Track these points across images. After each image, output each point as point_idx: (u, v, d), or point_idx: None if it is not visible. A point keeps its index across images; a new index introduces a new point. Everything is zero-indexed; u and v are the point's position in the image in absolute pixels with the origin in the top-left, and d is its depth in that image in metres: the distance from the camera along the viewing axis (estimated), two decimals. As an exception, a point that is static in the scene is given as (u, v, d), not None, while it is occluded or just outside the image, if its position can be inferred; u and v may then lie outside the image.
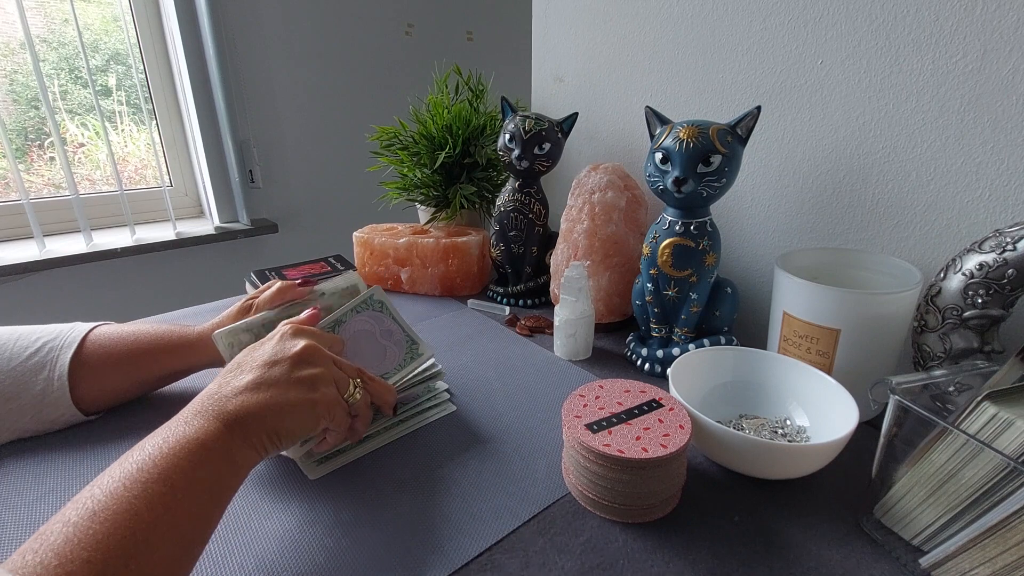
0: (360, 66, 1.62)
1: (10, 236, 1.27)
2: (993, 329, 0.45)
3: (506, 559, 0.38)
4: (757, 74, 0.64)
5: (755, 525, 0.41)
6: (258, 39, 1.42)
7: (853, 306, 0.48)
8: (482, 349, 0.68)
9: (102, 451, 0.48)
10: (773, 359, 0.52)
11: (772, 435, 0.48)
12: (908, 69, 0.53)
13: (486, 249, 0.87)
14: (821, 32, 0.58)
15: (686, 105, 0.73)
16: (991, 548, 0.32)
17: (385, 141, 0.89)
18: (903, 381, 0.39)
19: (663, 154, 0.54)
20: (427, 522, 0.41)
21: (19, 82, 1.24)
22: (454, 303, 0.83)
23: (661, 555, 0.38)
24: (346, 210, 1.69)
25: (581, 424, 0.42)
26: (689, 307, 0.60)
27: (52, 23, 1.26)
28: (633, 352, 0.65)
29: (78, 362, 0.48)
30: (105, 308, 1.34)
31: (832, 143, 0.60)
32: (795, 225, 0.65)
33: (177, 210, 1.48)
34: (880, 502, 0.39)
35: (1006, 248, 0.43)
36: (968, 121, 0.50)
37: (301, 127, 1.56)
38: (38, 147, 1.29)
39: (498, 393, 0.58)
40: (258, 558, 0.37)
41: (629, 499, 0.40)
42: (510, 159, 0.74)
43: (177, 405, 0.53)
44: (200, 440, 0.32)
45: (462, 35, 1.83)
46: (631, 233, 0.71)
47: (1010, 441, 0.32)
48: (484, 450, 0.49)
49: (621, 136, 0.83)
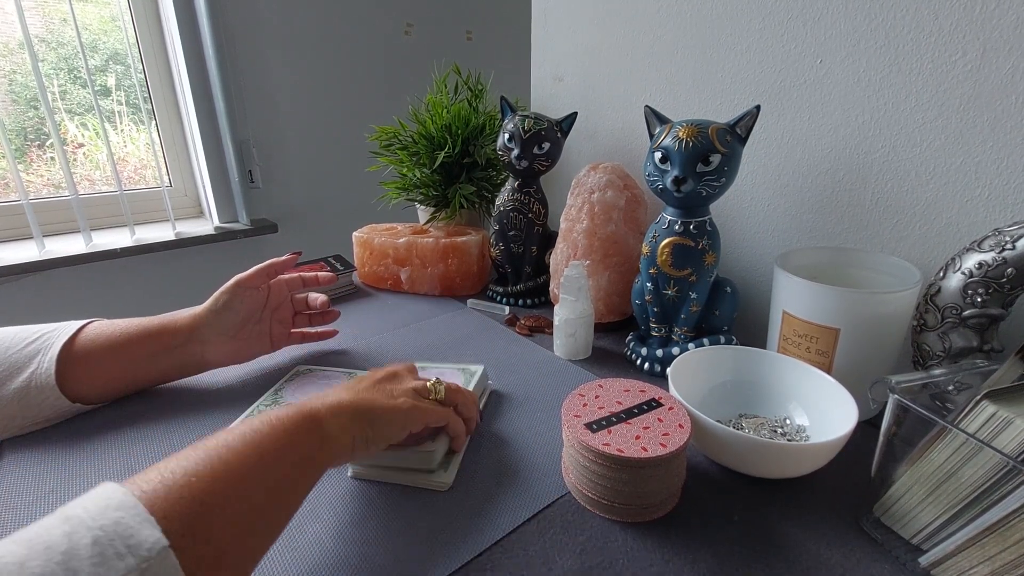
0: (360, 66, 1.62)
1: (10, 236, 1.27)
2: (992, 328, 0.45)
3: (506, 559, 0.38)
4: (756, 73, 0.64)
5: (755, 525, 0.41)
6: (257, 39, 1.42)
7: (853, 305, 0.48)
8: (482, 349, 0.68)
9: (102, 451, 0.48)
10: (773, 358, 0.52)
11: (772, 434, 0.48)
12: (907, 68, 0.53)
13: (486, 249, 0.87)
14: (820, 31, 0.58)
15: (685, 104, 0.73)
16: (990, 547, 0.32)
17: (384, 141, 0.89)
18: (902, 380, 0.39)
19: (662, 153, 0.54)
20: (427, 522, 0.41)
21: (18, 82, 1.24)
22: (454, 303, 0.83)
23: (661, 555, 0.38)
24: (346, 210, 1.69)
25: (581, 423, 0.42)
26: (689, 306, 0.60)
27: (51, 23, 1.26)
28: (633, 351, 0.65)
29: (68, 351, 0.49)
30: (105, 308, 1.34)
31: (831, 142, 0.60)
32: (794, 224, 0.65)
33: (177, 210, 1.48)
34: (880, 501, 0.39)
35: (1005, 247, 0.43)
36: (967, 120, 0.50)
37: (301, 127, 1.56)
38: (37, 147, 1.29)
39: (498, 393, 0.58)
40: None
41: (629, 499, 0.40)
42: (509, 159, 0.73)
43: (178, 404, 0.54)
44: (303, 413, 0.36)
45: (461, 35, 1.83)
46: (631, 232, 0.71)
47: (1009, 440, 0.32)
48: (483, 450, 0.49)
49: (620, 135, 0.83)
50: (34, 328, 0.51)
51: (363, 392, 0.41)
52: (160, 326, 0.54)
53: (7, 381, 0.47)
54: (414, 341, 0.70)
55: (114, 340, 0.51)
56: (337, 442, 0.37)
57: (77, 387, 0.50)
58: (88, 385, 0.51)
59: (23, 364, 0.48)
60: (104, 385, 0.53)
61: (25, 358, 0.48)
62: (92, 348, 0.50)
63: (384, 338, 0.71)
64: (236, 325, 0.57)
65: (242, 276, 0.57)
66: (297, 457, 0.34)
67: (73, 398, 0.50)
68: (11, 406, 0.47)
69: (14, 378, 0.47)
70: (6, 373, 0.47)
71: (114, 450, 0.48)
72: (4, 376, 0.47)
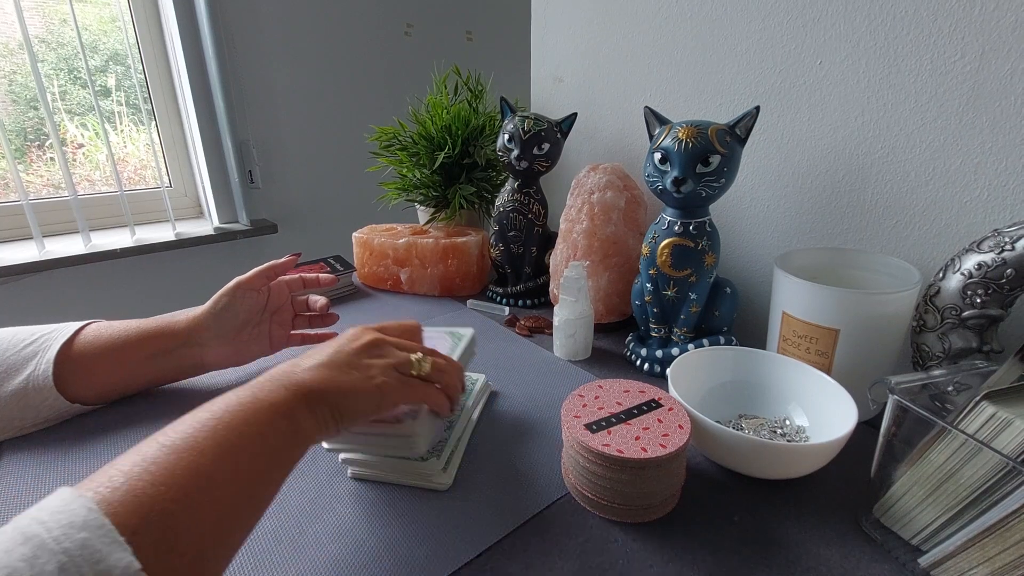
0: (359, 66, 1.62)
1: (9, 237, 1.27)
2: (992, 329, 0.45)
3: (505, 559, 0.38)
4: (756, 74, 0.65)
5: (755, 525, 0.41)
6: (257, 39, 1.42)
7: (852, 306, 0.48)
8: (482, 349, 0.68)
9: (102, 451, 0.48)
10: (772, 359, 0.52)
11: (771, 435, 0.48)
12: (907, 69, 0.53)
13: (485, 249, 0.87)
14: (820, 32, 0.58)
15: (685, 105, 0.73)
16: (990, 547, 0.32)
17: (384, 141, 0.89)
18: (902, 381, 0.39)
19: (662, 154, 0.54)
20: (427, 522, 0.41)
21: (18, 83, 1.24)
22: (454, 303, 0.83)
23: (661, 555, 0.38)
24: (346, 210, 1.69)
25: (580, 424, 0.42)
26: (688, 307, 0.60)
27: (50, 23, 1.26)
28: (632, 352, 0.65)
29: (67, 352, 0.49)
30: (105, 309, 1.34)
31: (831, 143, 0.60)
32: (794, 225, 0.65)
33: (177, 211, 1.48)
34: (879, 502, 0.39)
35: (1005, 248, 0.43)
36: (967, 121, 0.50)
37: (300, 127, 1.56)
38: (37, 148, 1.29)
39: (497, 393, 0.58)
40: (256, 557, 0.37)
41: (628, 499, 0.40)
42: (509, 159, 0.74)
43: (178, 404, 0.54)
44: (269, 401, 0.34)
45: (461, 35, 1.83)
46: (630, 233, 0.71)
47: (1009, 440, 0.32)
48: (483, 450, 0.49)
49: (620, 136, 0.83)
50: (33, 329, 0.51)
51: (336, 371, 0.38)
52: (158, 328, 0.54)
53: (5, 382, 0.47)
54: (414, 342, 0.70)
55: (112, 342, 0.51)
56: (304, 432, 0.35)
57: (75, 388, 0.50)
58: (86, 386, 0.51)
59: (21, 365, 0.48)
60: (102, 387, 0.53)
61: (23, 360, 0.48)
62: (90, 350, 0.50)
63: (384, 339, 0.71)
64: (236, 327, 0.57)
65: (242, 278, 0.57)
66: (267, 449, 0.32)
67: (72, 399, 0.50)
68: (10, 407, 0.47)
69: (12, 379, 0.47)
70: (4, 374, 0.47)
71: (114, 450, 0.48)
72: (2, 377, 0.47)
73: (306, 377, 0.36)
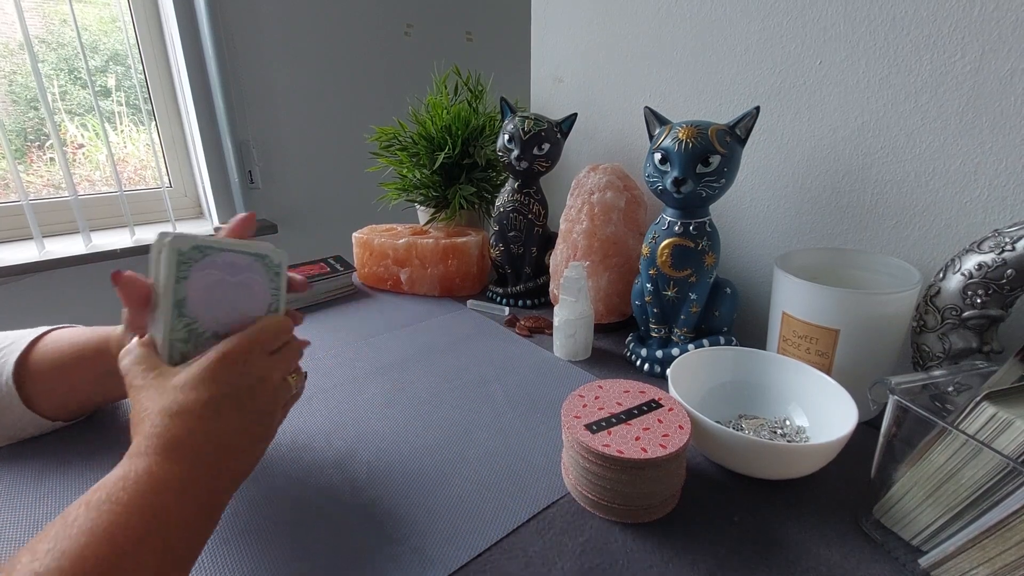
0: (359, 66, 1.62)
1: (9, 237, 1.26)
2: (992, 329, 0.45)
3: (505, 560, 0.38)
4: (756, 74, 0.64)
5: (755, 525, 0.41)
6: (257, 39, 1.42)
7: (852, 306, 0.48)
8: (482, 349, 0.68)
9: (102, 451, 0.48)
10: (772, 359, 0.52)
11: (771, 435, 0.48)
12: (907, 70, 0.53)
13: (485, 250, 0.87)
14: (820, 32, 0.58)
15: (685, 105, 0.73)
16: (990, 548, 0.32)
17: (384, 142, 0.89)
18: (902, 381, 0.39)
19: (662, 154, 0.54)
20: (426, 523, 0.41)
21: (18, 83, 1.24)
22: (454, 304, 0.83)
23: (661, 555, 0.38)
24: (346, 211, 1.68)
25: (580, 424, 0.42)
26: (688, 307, 0.60)
27: (50, 24, 1.26)
28: (632, 352, 0.65)
29: (24, 367, 0.45)
30: (104, 310, 1.34)
31: (831, 143, 0.60)
32: (794, 225, 0.65)
33: (177, 211, 1.48)
34: (879, 502, 0.39)
35: (1005, 248, 0.43)
36: (967, 122, 0.50)
37: (300, 128, 1.56)
38: (37, 148, 1.29)
39: (498, 393, 0.58)
40: (255, 557, 0.37)
41: (629, 499, 0.40)
42: (509, 159, 0.74)
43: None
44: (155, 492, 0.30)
45: (461, 36, 1.83)
46: (630, 233, 0.71)
47: (1009, 441, 0.32)
48: (483, 450, 0.49)
49: (620, 136, 0.83)
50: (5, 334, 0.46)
51: (225, 432, 0.33)
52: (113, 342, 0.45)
53: None
54: (413, 342, 0.70)
55: (64, 358, 0.45)
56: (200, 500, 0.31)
57: (37, 402, 0.46)
58: (46, 401, 0.47)
59: None
60: (61, 403, 0.48)
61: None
62: (42, 366, 0.45)
63: (384, 339, 0.71)
64: None
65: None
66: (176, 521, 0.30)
67: (40, 413, 0.46)
68: None
69: None
70: None
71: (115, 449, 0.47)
72: None
73: (190, 457, 0.32)
